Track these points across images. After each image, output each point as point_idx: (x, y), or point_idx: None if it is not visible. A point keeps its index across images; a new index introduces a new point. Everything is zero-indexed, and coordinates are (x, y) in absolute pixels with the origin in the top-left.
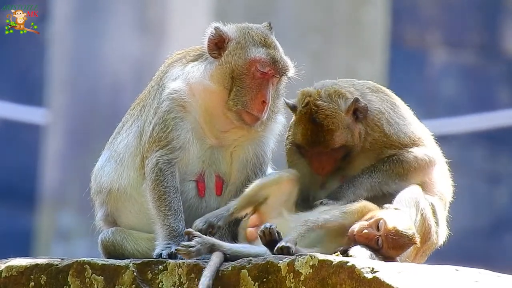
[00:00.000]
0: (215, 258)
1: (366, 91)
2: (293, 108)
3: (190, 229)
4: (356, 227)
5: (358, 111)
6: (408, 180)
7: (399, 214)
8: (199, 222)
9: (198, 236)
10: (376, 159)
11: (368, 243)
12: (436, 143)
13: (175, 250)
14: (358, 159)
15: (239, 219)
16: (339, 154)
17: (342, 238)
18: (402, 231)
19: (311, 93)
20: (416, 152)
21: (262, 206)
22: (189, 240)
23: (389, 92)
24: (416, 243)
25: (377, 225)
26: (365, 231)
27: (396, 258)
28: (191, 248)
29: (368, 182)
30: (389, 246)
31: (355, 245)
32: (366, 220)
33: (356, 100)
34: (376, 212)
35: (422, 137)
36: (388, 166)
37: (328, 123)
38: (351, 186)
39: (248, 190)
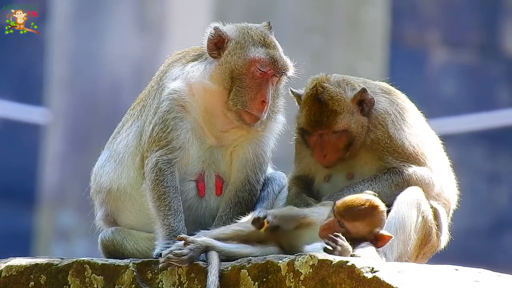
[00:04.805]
0: (215, 257)
1: (377, 91)
2: (299, 96)
3: (183, 235)
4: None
5: (364, 103)
6: None
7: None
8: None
9: (191, 242)
10: (378, 162)
11: (334, 231)
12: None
13: (167, 258)
14: (360, 155)
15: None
16: (342, 142)
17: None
18: (348, 200)
19: (319, 78)
20: (417, 169)
21: None
22: (185, 244)
23: (403, 96)
24: (375, 205)
25: (331, 211)
26: (325, 221)
27: (376, 230)
28: (183, 257)
29: (368, 190)
30: (348, 221)
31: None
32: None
33: (364, 90)
34: None
35: (425, 153)
36: (389, 175)
37: (333, 104)
38: (352, 192)
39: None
